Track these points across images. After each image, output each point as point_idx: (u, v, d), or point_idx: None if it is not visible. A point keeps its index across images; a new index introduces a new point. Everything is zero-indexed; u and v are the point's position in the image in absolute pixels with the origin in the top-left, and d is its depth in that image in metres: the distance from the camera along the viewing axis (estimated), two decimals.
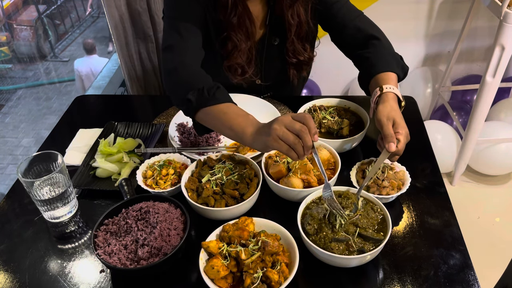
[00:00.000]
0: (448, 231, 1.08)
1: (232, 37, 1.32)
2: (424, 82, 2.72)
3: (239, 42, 1.32)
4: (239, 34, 1.32)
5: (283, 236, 1.00)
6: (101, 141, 1.31)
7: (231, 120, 1.11)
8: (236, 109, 1.14)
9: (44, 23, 4.22)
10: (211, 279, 0.93)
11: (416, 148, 1.35)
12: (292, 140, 0.99)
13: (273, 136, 1.00)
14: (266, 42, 1.43)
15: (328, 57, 2.64)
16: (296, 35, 1.39)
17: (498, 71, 2.06)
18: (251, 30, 1.33)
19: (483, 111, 2.21)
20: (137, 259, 0.96)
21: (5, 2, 2.95)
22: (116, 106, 1.67)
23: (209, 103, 1.13)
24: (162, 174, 1.20)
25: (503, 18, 1.95)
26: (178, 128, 1.42)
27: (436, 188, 1.20)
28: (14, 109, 3.73)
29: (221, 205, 1.08)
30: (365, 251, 0.95)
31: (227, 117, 1.12)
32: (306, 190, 1.10)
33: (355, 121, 1.35)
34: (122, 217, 1.05)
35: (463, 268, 0.99)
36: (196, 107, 1.15)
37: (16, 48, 3.27)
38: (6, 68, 3.01)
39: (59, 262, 1.06)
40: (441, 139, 2.45)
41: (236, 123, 1.10)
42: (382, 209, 1.03)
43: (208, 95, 1.14)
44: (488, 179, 2.58)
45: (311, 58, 1.48)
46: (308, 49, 1.45)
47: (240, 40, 1.32)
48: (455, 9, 2.54)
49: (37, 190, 1.11)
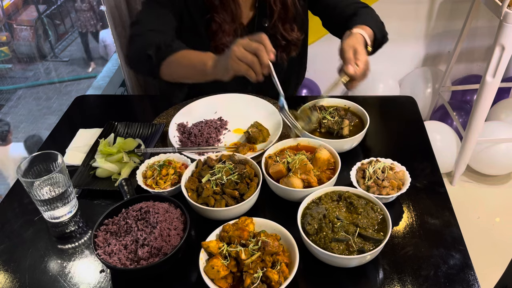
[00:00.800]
0: (448, 231, 1.08)
1: (215, 18, 1.36)
2: (424, 82, 2.72)
3: (222, 23, 1.36)
4: (222, 15, 1.35)
5: (283, 236, 1.00)
6: (101, 141, 1.31)
7: (192, 59, 1.20)
8: (194, 52, 1.23)
9: (44, 23, 4.21)
10: (211, 279, 0.93)
11: (416, 148, 1.35)
12: (250, 59, 1.04)
13: (232, 57, 1.06)
14: (256, 25, 1.46)
15: (328, 57, 2.64)
16: (282, 18, 1.43)
17: (498, 71, 2.06)
18: (235, 11, 1.36)
19: (483, 111, 2.21)
20: (137, 259, 0.96)
21: (5, 2, 2.95)
22: (116, 106, 1.67)
23: (167, 54, 1.22)
24: (162, 174, 1.19)
25: (503, 18, 1.95)
26: (178, 128, 1.42)
27: (436, 188, 1.20)
28: (14, 109, 3.72)
29: (221, 205, 1.08)
30: (365, 251, 0.95)
31: (186, 59, 1.21)
32: (306, 190, 1.10)
33: (355, 121, 1.35)
34: (122, 217, 1.05)
35: (463, 268, 0.99)
36: (158, 60, 1.22)
37: (16, 48, 3.26)
38: (6, 68, 3.01)
39: (59, 262, 1.06)
40: (441, 139, 2.45)
41: (197, 60, 1.19)
42: (382, 209, 1.03)
43: (165, 46, 1.23)
44: (488, 179, 2.58)
45: (298, 39, 1.51)
46: (295, 29, 1.47)
47: (223, 21, 1.36)
48: (455, 9, 2.54)
49: (37, 190, 1.11)
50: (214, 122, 1.43)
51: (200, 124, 1.42)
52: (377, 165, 1.16)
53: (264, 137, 1.35)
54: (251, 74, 1.06)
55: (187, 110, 1.49)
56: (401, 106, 1.56)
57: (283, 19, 1.45)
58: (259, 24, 1.47)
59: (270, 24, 1.47)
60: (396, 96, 1.98)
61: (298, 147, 1.26)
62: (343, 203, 1.06)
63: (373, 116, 1.42)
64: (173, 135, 1.39)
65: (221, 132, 1.41)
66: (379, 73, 2.72)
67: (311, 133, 1.30)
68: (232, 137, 1.40)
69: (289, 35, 1.47)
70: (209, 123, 1.42)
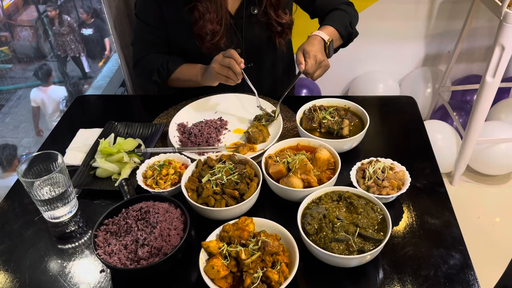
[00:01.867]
0: (448, 231, 1.08)
1: (197, 6, 1.42)
2: (424, 82, 2.72)
3: (204, 11, 1.42)
4: (205, 3, 1.41)
5: (283, 236, 1.00)
6: (101, 141, 1.31)
7: (187, 76, 1.52)
8: (187, 67, 1.53)
9: (44, 23, 4.21)
10: (211, 279, 0.93)
11: (416, 148, 1.35)
12: (225, 72, 1.34)
13: (213, 73, 1.37)
14: (245, 12, 1.49)
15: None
16: (274, 4, 1.48)
17: (498, 71, 2.06)
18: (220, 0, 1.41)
19: (483, 111, 2.21)
20: (137, 259, 0.96)
21: (5, 2, 2.94)
22: (116, 106, 1.67)
23: (168, 74, 1.53)
24: (162, 174, 1.19)
25: (503, 18, 1.95)
26: (178, 128, 1.42)
27: (436, 188, 1.20)
28: (14, 109, 3.70)
29: (221, 205, 1.08)
30: (365, 251, 0.95)
31: (183, 75, 1.53)
32: (306, 190, 1.10)
33: (355, 121, 1.35)
34: (122, 217, 1.05)
35: (463, 268, 0.99)
36: (163, 82, 1.56)
37: (16, 48, 3.23)
38: (6, 68, 2.99)
39: (59, 262, 1.06)
40: (441, 139, 2.45)
41: (191, 74, 1.51)
42: (382, 209, 1.03)
43: (164, 69, 1.53)
44: (488, 179, 2.58)
45: (292, 21, 1.56)
46: (288, 13, 1.54)
47: (206, 10, 1.41)
48: (455, 9, 2.54)
49: (37, 190, 1.11)
50: (214, 122, 1.44)
51: (200, 124, 1.42)
52: (377, 165, 1.16)
53: (264, 137, 1.36)
54: (230, 82, 1.36)
55: (187, 110, 1.49)
56: (401, 106, 1.56)
57: (275, 5, 1.49)
58: (248, 12, 1.50)
59: (260, 11, 1.49)
60: (396, 96, 1.98)
61: (298, 147, 1.27)
62: (343, 203, 1.06)
63: (373, 116, 1.43)
64: (173, 135, 1.39)
65: (221, 132, 1.41)
66: (379, 73, 2.72)
67: (311, 133, 1.30)
68: (232, 137, 1.40)
69: (282, 19, 1.52)
70: (209, 123, 1.42)
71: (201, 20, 1.43)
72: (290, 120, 1.47)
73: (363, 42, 2.64)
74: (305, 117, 1.36)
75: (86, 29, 2.38)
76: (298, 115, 1.37)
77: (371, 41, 2.58)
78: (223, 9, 1.43)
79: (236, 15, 1.51)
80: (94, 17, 2.43)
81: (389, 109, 1.55)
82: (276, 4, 1.48)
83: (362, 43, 2.65)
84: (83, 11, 2.41)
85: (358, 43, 2.72)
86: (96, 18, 2.43)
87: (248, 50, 1.58)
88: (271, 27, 1.53)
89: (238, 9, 1.50)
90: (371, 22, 2.50)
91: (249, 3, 1.49)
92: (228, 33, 1.50)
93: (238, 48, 1.56)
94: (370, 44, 2.60)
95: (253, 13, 1.50)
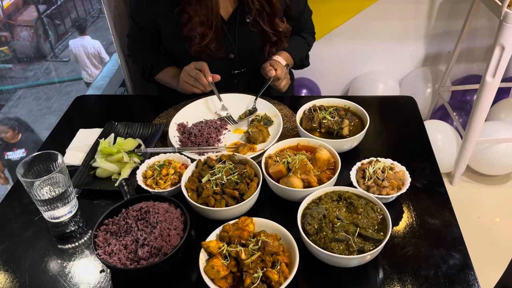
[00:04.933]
0: (448, 231, 1.08)
1: (186, 9, 1.43)
2: (424, 82, 2.72)
3: (193, 14, 1.42)
4: (195, 6, 1.42)
5: (283, 236, 1.00)
6: (101, 141, 1.31)
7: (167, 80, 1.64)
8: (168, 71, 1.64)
9: (44, 23, 4.21)
10: (211, 279, 0.93)
11: (416, 148, 1.35)
12: (192, 82, 1.47)
13: (181, 81, 1.50)
14: (238, 20, 1.50)
15: (328, 57, 2.65)
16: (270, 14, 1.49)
17: (498, 71, 2.06)
18: (211, 4, 1.41)
19: (483, 111, 2.21)
20: (137, 259, 0.96)
21: (5, 2, 2.95)
22: (116, 106, 1.67)
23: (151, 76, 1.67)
24: (162, 174, 1.19)
25: (503, 18, 1.95)
26: (178, 128, 1.42)
27: (436, 188, 1.20)
28: (14, 109, 3.71)
29: (221, 205, 1.08)
30: (365, 251, 0.95)
31: (165, 79, 1.65)
32: (306, 190, 1.10)
33: (355, 121, 1.35)
34: (122, 217, 1.05)
35: (463, 268, 0.99)
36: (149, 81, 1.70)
37: (16, 48, 3.25)
38: (6, 68, 3.00)
39: (59, 262, 1.06)
40: (441, 139, 2.44)
41: (169, 80, 1.63)
42: (382, 209, 1.03)
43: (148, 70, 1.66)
44: (488, 179, 2.58)
45: (288, 29, 1.56)
46: (284, 21, 1.55)
47: (195, 13, 1.42)
48: (455, 9, 2.54)
49: (37, 190, 1.11)
50: (214, 122, 1.44)
51: (200, 124, 1.42)
52: (377, 165, 1.16)
53: (264, 137, 1.36)
54: (195, 90, 1.48)
55: (187, 110, 1.49)
56: (401, 106, 1.56)
57: (271, 14, 1.49)
58: (242, 19, 1.50)
59: (251, 21, 1.50)
60: (396, 96, 1.98)
61: (298, 147, 1.27)
62: (343, 203, 1.06)
63: (373, 116, 1.43)
64: (173, 135, 1.39)
65: (221, 132, 1.41)
66: (379, 73, 2.72)
67: (311, 133, 1.30)
68: (232, 137, 1.40)
69: (279, 27, 1.53)
70: (209, 123, 1.42)
71: (189, 23, 1.44)
72: (290, 120, 1.47)
73: (363, 42, 2.65)
74: (305, 117, 1.36)
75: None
76: (298, 115, 1.37)
77: (371, 41, 2.58)
78: (214, 13, 1.43)
79: (229, 21, 1.51)
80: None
81: (389, 109, 1.55)
82: (271, 13, 1.48)
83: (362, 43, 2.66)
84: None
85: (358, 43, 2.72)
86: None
87: (241, 56, 1.59)
88: (266, 36, 1.53)
89: (231, 15, 1.50)
90: (371, 22, 2.50)
91: (243, 11, 1.49)
92: (220, 37, 1.50)
93: (231, 53, 1.56)
94: (370, 44, 2.60)
95: (247, 21, 1.50)
